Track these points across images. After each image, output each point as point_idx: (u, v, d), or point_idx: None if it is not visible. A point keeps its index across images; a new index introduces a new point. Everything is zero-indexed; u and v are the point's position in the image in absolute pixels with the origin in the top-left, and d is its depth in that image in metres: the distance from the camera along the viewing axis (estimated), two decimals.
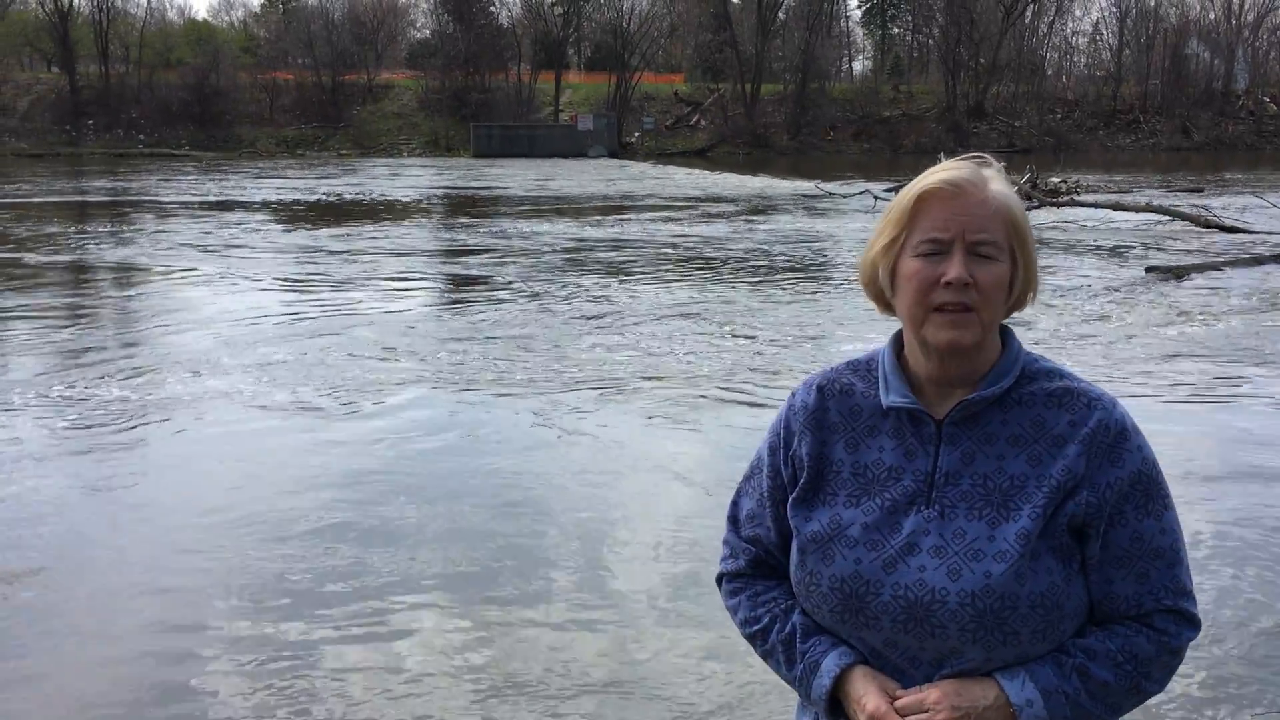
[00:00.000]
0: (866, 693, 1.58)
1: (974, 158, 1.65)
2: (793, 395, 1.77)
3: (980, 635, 1.54)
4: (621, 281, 14.93)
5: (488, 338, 10.95)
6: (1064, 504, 1.56)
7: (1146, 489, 1.60)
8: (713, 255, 18.06)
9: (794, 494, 1.70)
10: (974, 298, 1.56)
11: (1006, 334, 1.67)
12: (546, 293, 13.93)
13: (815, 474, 1.68)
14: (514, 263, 17.13)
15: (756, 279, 15.32)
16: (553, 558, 5.46)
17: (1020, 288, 1.63)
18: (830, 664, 1.63)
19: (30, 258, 17.75)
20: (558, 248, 19.18)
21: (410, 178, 43.47)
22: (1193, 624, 1.63)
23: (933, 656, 1.57)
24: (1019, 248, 1.61)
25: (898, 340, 1.70)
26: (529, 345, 10.51)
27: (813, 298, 13.69)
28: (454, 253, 19.01)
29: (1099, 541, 1.58)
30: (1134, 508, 1.59)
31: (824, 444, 1.69)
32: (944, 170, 1.62)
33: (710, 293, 14.01)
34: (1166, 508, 1.62)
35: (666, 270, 16.23)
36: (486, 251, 18.77)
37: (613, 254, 18.22)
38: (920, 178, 1.63)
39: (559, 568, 5.34)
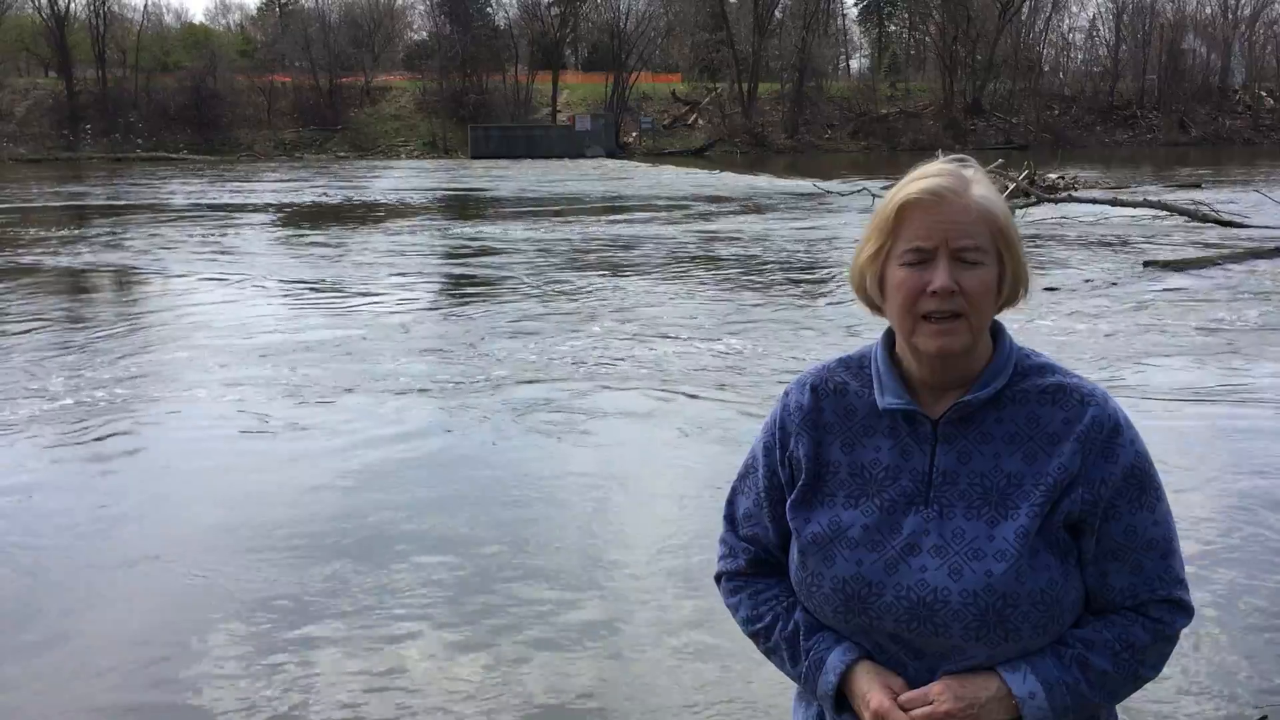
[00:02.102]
0: (870, 689, 1.60)
1: (955, 159, 1.66)
2: (786, 394, 1.77)
3: (983, 633, 1.56)
4: (616, 282, 14.94)
5: (480, 340, 10.95)
6: (1060, 501, 1.58)
7: (1140, 483, 1.61)
8: (709, 255, 18.07)
9: (793, 495, 1.71)
10: (961, 304, 1.57)
11: (998, 331, 1.68)
12: (540, 294, 13.95)
13: (813, 475, 1.69)
14: (509, 264, 17.14)
15: (751, 278, 15.33)
16: (547, 562, 5.45)
17: (1009, 288, 1.64)
18: (835, 661, 1.65)
19: (25, 261, 17.75)
20: (553, 249, 19.19)
21: (407, 180, 43.48)
22: (1186, 612, 1.65)
23: (936, 653, 1.60)
24: (1005, 249, 1.62)
25: (889, 337, 1.71)
26: (521, 347, 10.51)
27: (807, 298, 13.70)
28: (449, 254, 19.02)
29: (1094, 536, 1.60)
30: (1128, 501, 1.60)
31: (820, 445, 1.70)
32: (924, 178, 1.61)
33: (705, 293, 14.03)
34: (1159, 500, 1.64)
35: (661, 270, 16.24)
36: (480, 254, 18.78)
37: (608, 254, 18.24)
38: (901, 184, 1.63)
39: (554, 571, 5.34)
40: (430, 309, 13.26)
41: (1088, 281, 14.18)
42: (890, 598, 1.59)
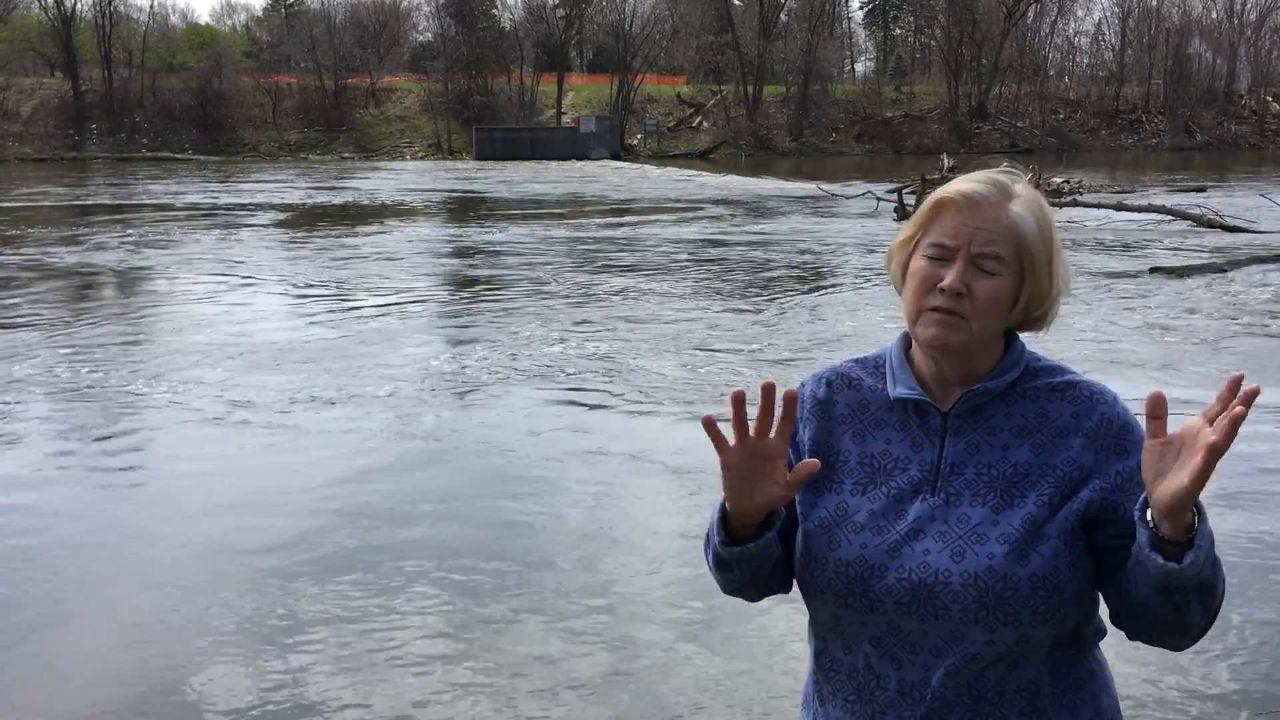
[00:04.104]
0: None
1: (1007, 172, 1.69)
2: (801, 386, 1.81)
3: (982, 616, 1.56)
4: (617, 285, 14.94)
5: (476, 342, 10.96)
6: (1076, 493, 1.60)
7: None
8: (712, 258, 18.07)
9: None
10: (966, 308, 1.61)
11: (1011, 335, 1.71)
12: (538, 296, 13.95)
13: (820, 461, 1.69)
14: (509, 265, 17.14)
15: (754, 282, 15.32)
16: (549, 569, 5.45)
17: (1023, 306, 1.66)
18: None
19: (22, 260, 17.78)
20: (554, 250, 19.19)
21: (409, 181, 43.47)
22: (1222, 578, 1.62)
23: (934, 643, 1.59)
24: (1029, 267, 1.64)
25: (906, 338, 1.75)
26: (518, 351, 10.51)
27: (810, 302, 13.69)
28: (449, 254, 19.04)
29: (1120, 524, 1.58)
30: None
31: (830, 434, 1.73)
32: (968, 181, 1.66)
33: (707, 297, 14.02)
34: None
35: (664, 273, 16.23)
36: (482, 254, 18.79)
37: (611, 256, 18.24)
38: (950, 183, 1.68)
39: (551, 574, 5.34)
40: (422, 310, 13.26)
41: (1092, 287, 14.16)
42: (892, 579, 1.60)
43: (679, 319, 12.01)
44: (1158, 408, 1.47)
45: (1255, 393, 1.39)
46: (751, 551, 1.64)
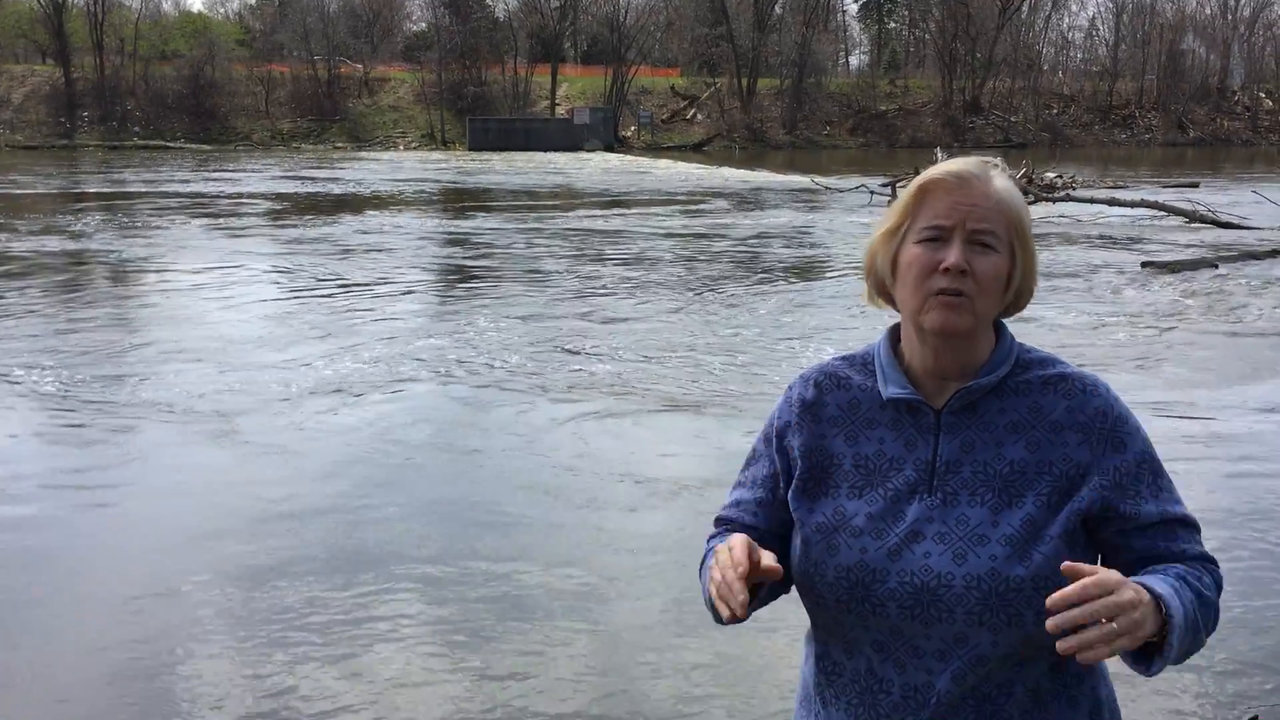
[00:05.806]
0: (735, 542, 1.56)
1: (980, 158, 1.69)
2: (790, 388, 1.79)
3: (986, 618, 1.56)
4: (608, 280, 14.92)
5: (469, 340, 10.94)
6: (1075, 492, 1.60)
7: (1153, 466, 1.65)
8: (705, 251, 18.05)
9: (794, 485, 1.72)
10: (970, 286, 1.60)
11: (999, 327, 1.71)
12: (531, 292, 13.93)
13: (814, 466, 1.71)
14: (503, 260, 17.12)
15: (746, 277, 15.32)
16: (536, 565, 5.45)
17: (1018, 283, 1.66)
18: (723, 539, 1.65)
19: (14, 251, 17.70)
20: (547, 243, 19.16)
21: (402, 172, 43.35)
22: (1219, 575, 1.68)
23: (938, 646, 1.59)
24: (1019, 244, 1.65)
25: (893, 334, 1.74)
26: (511, 350, 10.50)
27: (802, 298, 13.69)
28: (441, 243, 19.00)
29: (1120, 520, 1.61)
30: (1147, 485, 1.63)
31: (822, 437, 1.72)
32: (949, 164, 1.67)
33: (700, 294, 14.01)
34: (1172, 484, 1.67)
35: (656, 269, 16.22)
36: (475, 247, 18.75)
37: (604, 249, 18.21)
38: (931, 169, 1.68)
39: (543, 575, 5.34)
40: (426, 304, 13.24)
41: (1084, 282, 14.18)
42: (894, 584, 1.60)
43: (661, 316, 12.01)
44: (1073, 572, 1.42)
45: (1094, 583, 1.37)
46: (750, 616, 1.62)
